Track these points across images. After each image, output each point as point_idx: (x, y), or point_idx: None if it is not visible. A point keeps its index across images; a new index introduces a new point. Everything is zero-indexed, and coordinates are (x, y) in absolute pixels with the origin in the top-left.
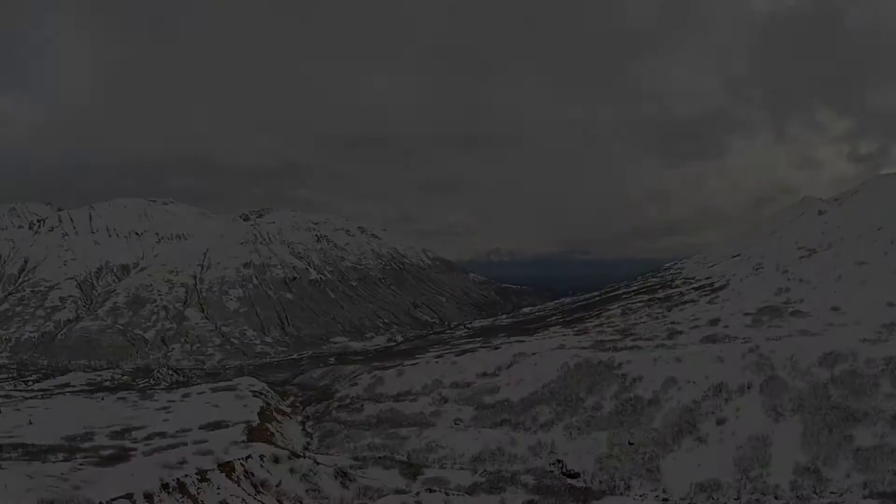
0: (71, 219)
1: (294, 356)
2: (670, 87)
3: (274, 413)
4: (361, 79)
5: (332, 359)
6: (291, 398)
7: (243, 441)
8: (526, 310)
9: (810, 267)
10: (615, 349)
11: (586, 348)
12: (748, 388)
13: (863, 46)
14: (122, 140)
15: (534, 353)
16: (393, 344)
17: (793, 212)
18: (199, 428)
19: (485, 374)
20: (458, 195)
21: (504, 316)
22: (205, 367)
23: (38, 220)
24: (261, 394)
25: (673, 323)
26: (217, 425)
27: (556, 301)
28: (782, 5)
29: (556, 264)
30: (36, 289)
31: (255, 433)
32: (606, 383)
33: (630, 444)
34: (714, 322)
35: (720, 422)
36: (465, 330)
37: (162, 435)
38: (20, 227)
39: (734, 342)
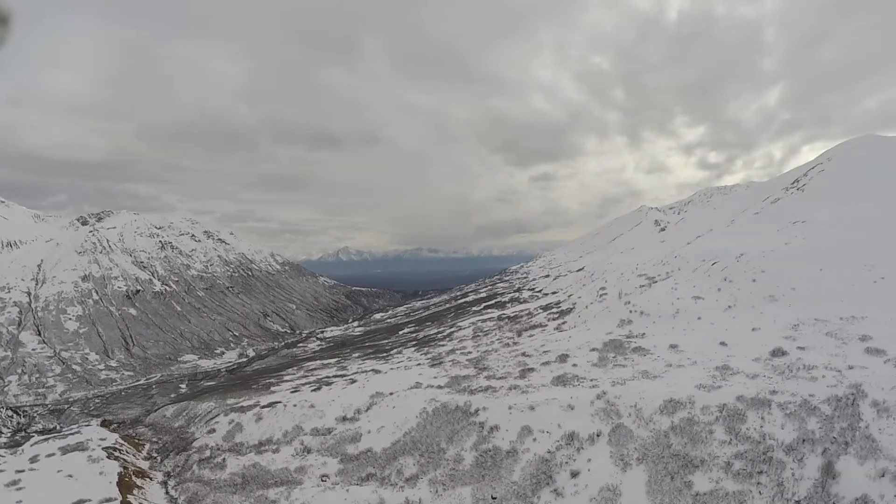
0: None
1: (142, 381)
2: (527, 81)
3: (133, 477)
4: (204, 67)
5: (183, 385)
6: (147, 446)
7: None
8: (377, 316)
9: (651, 298)
10: (471, 391)
11: (443, 388)
12: (598, 436)
13: (728, 55)
14: None
15: (391, 394)
16: (244, 360)
17: (632, 219)
18: None
19: (345, 419)
20: (305, 192)
21: (355, 323)
22: (46, 401)
23: None
24: (115, 450)
25: (524, 355)
26: None
27: (406, 305)
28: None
29: (406, 262)
30: None
31: None
32: (465, 432)
33: (493, 498)
34: (563, 358)
35: (574, 474)
36: (318, 342)
37: None
38: None
39: (583, 385)
